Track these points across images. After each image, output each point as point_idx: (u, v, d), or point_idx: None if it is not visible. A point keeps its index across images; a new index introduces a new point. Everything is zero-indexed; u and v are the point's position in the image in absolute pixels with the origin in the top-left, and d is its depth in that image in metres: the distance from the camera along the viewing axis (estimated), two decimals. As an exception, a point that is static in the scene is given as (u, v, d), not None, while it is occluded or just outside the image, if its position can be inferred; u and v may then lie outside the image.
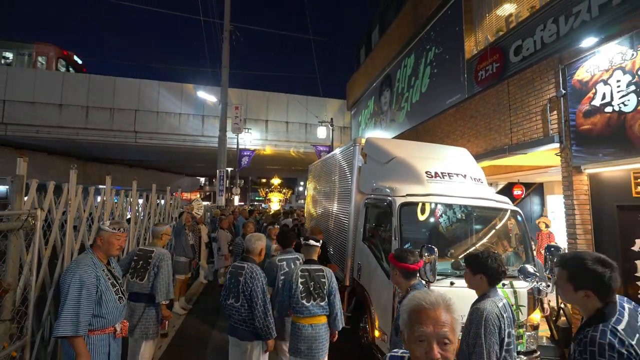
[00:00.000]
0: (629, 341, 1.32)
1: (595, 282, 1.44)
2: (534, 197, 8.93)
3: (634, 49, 3.75)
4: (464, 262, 2.47)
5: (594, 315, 1.44)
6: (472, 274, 2.18)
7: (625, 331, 1.34)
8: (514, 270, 3.68)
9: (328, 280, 3.01)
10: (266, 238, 3.79)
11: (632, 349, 1.30)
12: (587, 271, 1.45)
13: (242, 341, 2.87)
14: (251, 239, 3.04)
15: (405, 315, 1.09)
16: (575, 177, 4.48)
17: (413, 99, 10.00)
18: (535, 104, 5.14)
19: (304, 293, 2.92)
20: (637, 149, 3.73)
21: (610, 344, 1.31)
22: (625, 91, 3.83)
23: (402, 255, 2.49)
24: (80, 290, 2.19)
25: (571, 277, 1.50)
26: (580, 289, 1.47)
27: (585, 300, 1.46)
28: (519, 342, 3.55)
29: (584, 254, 1.53)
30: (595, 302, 1.45)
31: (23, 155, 2.22)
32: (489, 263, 2.13)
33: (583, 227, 4.42)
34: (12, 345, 2.07)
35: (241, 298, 2.83)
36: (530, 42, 5.51)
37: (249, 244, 3.01)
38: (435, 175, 4.14)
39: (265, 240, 3.19)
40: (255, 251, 3.00)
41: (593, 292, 1.44)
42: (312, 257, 3.15)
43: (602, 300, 1.44)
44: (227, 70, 12.97)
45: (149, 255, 3.39)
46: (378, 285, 3.89)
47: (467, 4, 7.51)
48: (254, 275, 2.83)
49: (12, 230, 2.00)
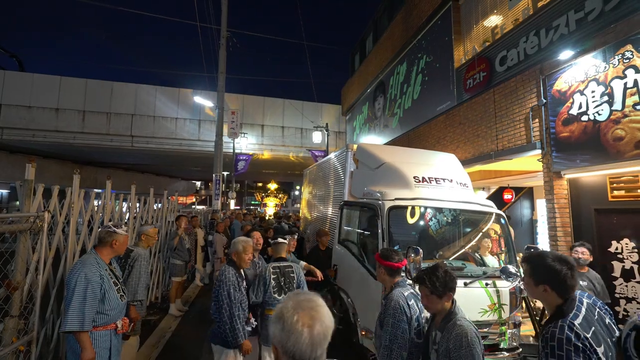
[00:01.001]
0: (584, 334, 1.44)
1: (552, 277, 1.56)
2: (524, 201, 9.17)
3: (606, 62, 4.00)
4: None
5: (555, 312, 1.57)
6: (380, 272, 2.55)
7: (581, 325, 1.47)
8: (496, 271, 3.88)
9: (297, 275, 3.35)
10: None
11: (587, 341, 1.43)
12: (545, 267, 1.58)
13: (215, 345, 2.82)
14: (235, 240, 3.00)
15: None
16: (556, 182, 4.70)
17: (405, 105, 10.25)
18: (519, 112, 5.38)
19: (276, 288, 3.20)
20: (611, 155, 3.95)
21: (568, 338, 1.42)
22: (599, 101, 4.07)
23: (387, 254, 2.63)
24: (86, 288, 2.33)
25: (532, 272, 1.64)
26: (539, 284, 1.60)
27: (545, 295, 1.59)
28: (501, 339, 3.73)
29: (546, 252, 1.68)
30: (555, 298, 1.57)
31: (32, 161, 2.37)
32: (388, 256, 2.53)
33: (563, 230, 4.63)
34: (20, 340, 2.21)
35: (213, 301, 2.82)
36: (514, 53, 5.77)
37: (231, 246, 2.99)
38: (423, 180, 4.33)
39: (250, 242, 3.06)
40: (235, 252, 2.88)
41: (550, 287, 1.57)
42: (281, 254, 3.45)
43: (561, 297, 1.56)
44: (224, 75, 13.14)
45: (128, 254, 3.41)
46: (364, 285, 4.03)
47: (456, 15, 7.79)
48: (221, 278, 2.77)
49: (22, 232, 2.15)
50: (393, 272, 2.59)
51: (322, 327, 0.94)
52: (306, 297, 1.01)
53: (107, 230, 2.59)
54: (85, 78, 16.21)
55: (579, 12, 4.58)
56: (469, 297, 3.64)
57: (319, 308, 0.97)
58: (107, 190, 3.98)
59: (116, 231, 2.58)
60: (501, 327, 3.73)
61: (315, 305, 0.98)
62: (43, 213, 2.32)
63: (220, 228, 7.46)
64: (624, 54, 3.81)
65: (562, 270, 1.56)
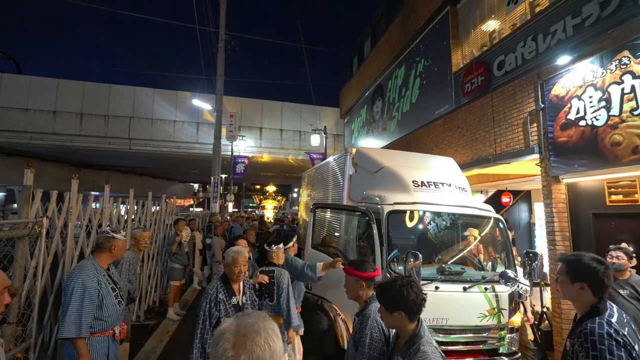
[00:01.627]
0: (622, 331, 1.51)
1: (589, 276, 1.61)
2: (521, 204, 9.21)
3: (604, 68, 4.03)
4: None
5: (589, 310, 1.62)
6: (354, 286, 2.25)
7: (618, 323, 1.54)
8: (495, 275, 3.88)
9: (277, 280, 3.17)
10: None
11: (625, 338, 1.50)
12: (583, 266, 1.64)
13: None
14: (227, 250, 2.80)
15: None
16: (554, 187, 4.72)
17: (404, 108, 10.28)
18: (517, 117, 5.41)
19: (258, 292, 3.10)
20: (609, 160, 3.98)
21: (608, 333, 1.49)
22: (596, 106, 4.10)
23: (359, 263, 2.31)
24: (83, 294, 2.31)
25: (569, 270, 1.68)
26: (576, 282, 1.64)
27: (581, 293, 1.63)
28: (500, 343, 3.74)
29: (582, 253, 1.73)
30: (590, 297, 1.62)
31: (30, 166, 2.36)
32: (366, 267, 2.27)
33: (562, 234, 4.65)
34: (18, 347, 2.19)
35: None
36: (512, 58, 5.81)
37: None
38: (422, 185, 4.33)
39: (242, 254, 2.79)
40: (225, 264, 2.70)
41: (587, 286, 1.61)
42: (270, 259, 3.39)
43: (596, 296, 1.62)
44: (222, 78, 13.15)
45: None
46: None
47: (453, 20, 7.84)
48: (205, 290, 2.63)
49: (20, 238, 2.14)
50: (370, 284, 2.28)
51: (250, 356, 0.83)
52: (249, 321, 0.90)
53: (106, 236, 2.57)
54: (83, 81, 16.18)
55: (576, 18, 4.62)
56: (468, 301, 3.65)
57: (254, 335, 0.86)
58: (106, 194, 3.97)
59: (114, 236, 2.57)
60: (500, 332, 3.74)
61: (252, 331, 0.87)
62: (42, 219, 2.30)
63: (218, 231, 7.44)
64: (621, 60, 3.85)
65: (599, 269, 1.61)
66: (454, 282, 3.72)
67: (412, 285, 1.69)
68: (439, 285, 3.60)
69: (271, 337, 0.88)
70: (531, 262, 3.69)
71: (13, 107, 14.92)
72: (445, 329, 3.59)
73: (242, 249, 2.73)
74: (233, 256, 2.59)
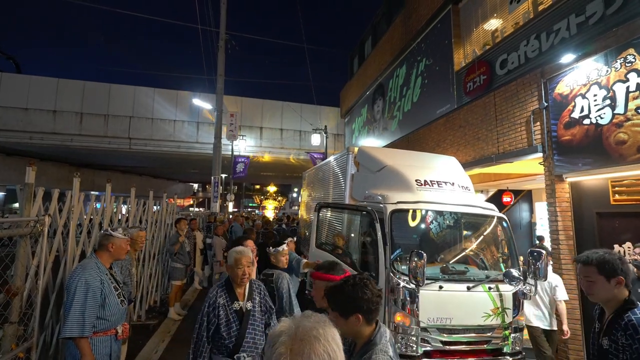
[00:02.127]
0: None
1: (621, 270, 1.62)
2: (522, 204, 9.18)
3: (608, 66, 4.01)
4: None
5: (623, 304, 1.62)
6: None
7: None
8: (499, 274, 3.86)
9: (276, 283, 3.03)
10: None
11: None
12: (611, 262, 1.63)
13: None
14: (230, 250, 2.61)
15: None
16: (558, 186, 4.70)
17: (405, 108, 10.26)
18: (520, 115, 5.39)
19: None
20: (613, 159, 3.96)
21: None
22: (601, 105, 4.07)
23: (330, 267, 2.03)
24: (86, 293, 2.29)
25: (601, 269, 1.65)
26: (612, 278, 1.63)
27: (618, 289, 1.63)
28: (504, 343, 3.71)
29: (596, 250, 1.73)
30: (624, 291, 1.63)
31: (32, 164, 2.33)
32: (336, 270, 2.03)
33: (565, 233, 4.63)
34: (20, 347, 2.16)
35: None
36: (514, 57, 5.78)
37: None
38: (425, 184, 4.31)
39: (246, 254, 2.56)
40: (227, 266, 2.51)
41: (623, 280, 1.62)
42: (274, 262, 3.24)
43: (627, 289, 1.63)
44: (223, 78, 13.12)
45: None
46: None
47: (455, 19, 7.81)
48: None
49: (22, 236, 2.11)
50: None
51: None
52: (307, 325, 0.84)
53: (104, 234, 2.56)
54: (83, 80, 16.14)
55: (580, 16, 4.59)
56: (472, 301, 3.63)
57: (313, 342, 0.79)
58: (107, 194, 3.94)
59: (112, 234, 2.55)
60: (504, 332, 3.72)
61: (310, 337, 0.80)
62: (44, 217, 2.28)
63: (219, 231, 7.41)
64: (626, 58, 3.83)
65: (623, 261, 1.65)
66: (457, 281, 3.70)
67: (365, 282, 1.50)
68: (443, 284, 3.58)
69: (331, 346, 0.81)
70: (535, 261, 3.67)
71: (12, 106, 14.87)
72: (449, 329, 3.57)
73: (246, 249, 2.50)
74: (235, 257, 2.36)
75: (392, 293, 3.53)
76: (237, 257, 2.35)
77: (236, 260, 2.34)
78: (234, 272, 2.35)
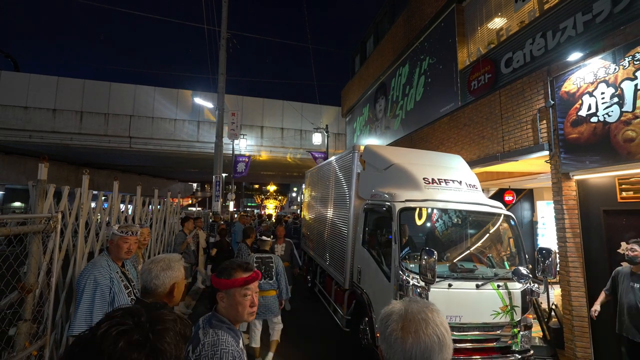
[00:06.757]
0: None
1: None
2: (524, 202, 9.19)
3: (616, 64, 4.01)
4: None
5: None
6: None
7: None
8: (508, 272, 3.86)
9: (275, 264, 4.22)
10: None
11: None
12: None
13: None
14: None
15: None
16: (564, 184, 4.70)
17: (408, 107, 10.25)
18: (525, 114, 5.39)
19: (263, 272, 4.06)
20: (621, 156, 3.96)
21: None
22: (609, 103, 4.08)
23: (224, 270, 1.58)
24: (94, 291, 2.27)
25: None
26: None
27: None
28: (513, 341, 3.72)
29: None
30: None
31: (44, 161, 2.31)
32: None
33: (572, 231, 4.63)
34: (33, 344, 2.14)
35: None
36: (520, 55, 5.78)
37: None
38: (432, 182, 4.30)
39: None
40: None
41: None
42: (265, 248, 4.45)
43: None
44: (224, 77, 13.09)
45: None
46: (378, 287, 4.02)
47: (459, 17, 7.81)
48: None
49: (36, 233, 2.09)
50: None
51: (416, 341, 0.84)
52: (415, 308, 0.90)
53: (112, 232, 2.55)
54: (83, 79, 16.06)
55: (587, 14, 4.60)
56: (481, 299, 3.63)
57: (421, 323, 0.86)
58: (114, 192, 3.92)
59: (114, 232, 2.53)
60: (513, 330, 3.72)
61: (418, 319, 0.87)
62: (57, 214, 2.26)
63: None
64: (635, 56, 3.83)
65: None
66: (466, 279, 3.70)
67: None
68: (452, 282, 3.58)
69: (440, 329, 0.86)
70: (544, 259, 3.67)
71: (12, 104, 14.79)
72: (458, 327, 3.57)
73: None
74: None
75: (402, 291, 3.53)
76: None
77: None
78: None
